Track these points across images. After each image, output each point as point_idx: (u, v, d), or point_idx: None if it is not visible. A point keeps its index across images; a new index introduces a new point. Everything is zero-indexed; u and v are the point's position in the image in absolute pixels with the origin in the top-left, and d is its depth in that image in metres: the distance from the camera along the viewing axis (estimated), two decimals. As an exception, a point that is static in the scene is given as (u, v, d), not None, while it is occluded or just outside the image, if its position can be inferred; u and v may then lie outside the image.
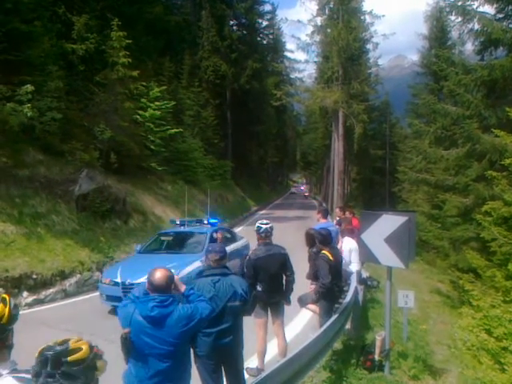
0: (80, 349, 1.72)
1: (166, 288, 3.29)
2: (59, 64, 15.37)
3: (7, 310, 1.81)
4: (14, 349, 1.99)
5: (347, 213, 10.94)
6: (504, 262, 10.25)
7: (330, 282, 5.93)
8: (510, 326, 7.56)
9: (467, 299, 11.04)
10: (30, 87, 11.73)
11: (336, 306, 6.70)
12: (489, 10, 14.31)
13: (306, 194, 70.47)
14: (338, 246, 8.31)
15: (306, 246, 6.99)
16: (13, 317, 1.84)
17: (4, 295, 1.86)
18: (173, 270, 3.11)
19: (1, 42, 12.24)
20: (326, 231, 6.58)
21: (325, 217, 9.11)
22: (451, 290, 15.76)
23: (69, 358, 1.68)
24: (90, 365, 1.72)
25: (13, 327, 1.86)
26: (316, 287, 6.28)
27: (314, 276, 6.43)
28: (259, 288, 5.45)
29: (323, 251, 6.13)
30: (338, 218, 11.01)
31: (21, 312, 7.63)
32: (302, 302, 6.80)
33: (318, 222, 8.96)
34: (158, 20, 25.67)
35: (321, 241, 6.30)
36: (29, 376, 1.76)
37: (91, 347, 1.78)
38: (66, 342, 1.75)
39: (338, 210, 11.89)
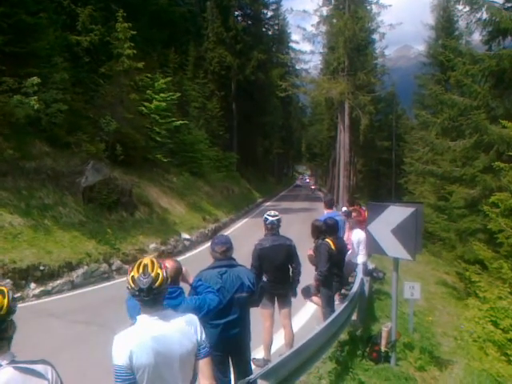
0: (158, 275, 2.35)
1: (174, 279, 3.30)
2: (64, 56, 15.34)
3: (6, 301, 1.84)
4: (22, 338, 2.01)
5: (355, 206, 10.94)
6: (511, 254, 10.23)
7: (327, 270, 5.98)
8: (516, 317, 7.54)
9: (473, 291, 11.03)
10: (36, 79, 11.72)
11: (340, 296, 6.71)
12: (497, -2, 14.14)
13: (313, 187, 62.50)
14: (345, 237, 8.32)
15: (312, 237, 6.96)
16: (11, 308, 1.87)
17: (2, 287, 1.89)
18: None
19: (7, 34, 12.22)
20: (332, 221, 6.60)
21: (329, 207, 9.01)
22: (457, 282, 15.75)
23: (157, 284, 2.33)
24: (166, 278, 2.42)
25: (12, 319, 1.89)
26: (315, 275, 6.32)
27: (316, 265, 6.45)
28: (264, 278, 5.47)
29: (326, 239, 6.17)
30: (344, 209, 10.99)
31: (28, 303, 7.68)
32: (306, 293, 6.81)
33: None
34: (162, 11, 25.52)
35: (325, 230, 6.33)
36: (28, 366, 1.82)
37: (161, 268, 2.40)
38: (145, 271, 2.34)
39: (346, 203, 11.87)
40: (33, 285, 9.36)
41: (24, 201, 11.31)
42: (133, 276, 2.36)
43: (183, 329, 2.44)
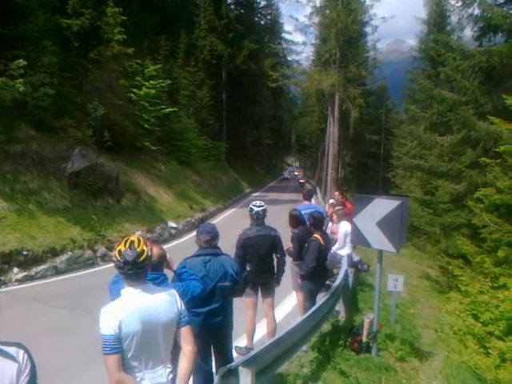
0: (143, 251, 2.51)
1: (158, 266, 3.30)
2: (53, 39, 15.05)
3: None
4: (5, 322, 1.98)
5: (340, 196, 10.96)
6: (494, 249, 10.37)
7: (313, 267, 5.96)
8: (496, 311, 7.66)
9: (456, 285, 11.17)
10: (22, 62, 11.54)
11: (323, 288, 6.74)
12: (489, -5, 14.17)
13: (302, 181, 51.39)
14: (329, 230, 8.38)
15: (289, 226, 6.85)
16: None
17: None
18: None
19: (-6, 15, 12.00)
20: (319, 214, 6.59)
21: (307, 198, 9.03)
22: (440, 276, 15.93)
23: (141, 259, 2.50)
24: (150, 256, 2.60)
25: None
26: (300, 270, 6.28)
27: (297, 256, 6.39)
28: (248, 268, 5.49)
29: (315, 235, 6.14)
30: (331, 201, 11.02)
31: (11, 288, 7.58)
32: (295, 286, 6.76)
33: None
34: (154, -3, 25.20)
35: (312, 224, 6.31)
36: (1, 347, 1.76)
37: (146, 244, 2.58)
38: (132, 246, 2.51)
39: (337, 193, 11.84)
40: (16, 269, 9.29)
41: (8, 185, 11.17)
42: (119, 250, 2.54)
43: (166, 299, 2.64)
